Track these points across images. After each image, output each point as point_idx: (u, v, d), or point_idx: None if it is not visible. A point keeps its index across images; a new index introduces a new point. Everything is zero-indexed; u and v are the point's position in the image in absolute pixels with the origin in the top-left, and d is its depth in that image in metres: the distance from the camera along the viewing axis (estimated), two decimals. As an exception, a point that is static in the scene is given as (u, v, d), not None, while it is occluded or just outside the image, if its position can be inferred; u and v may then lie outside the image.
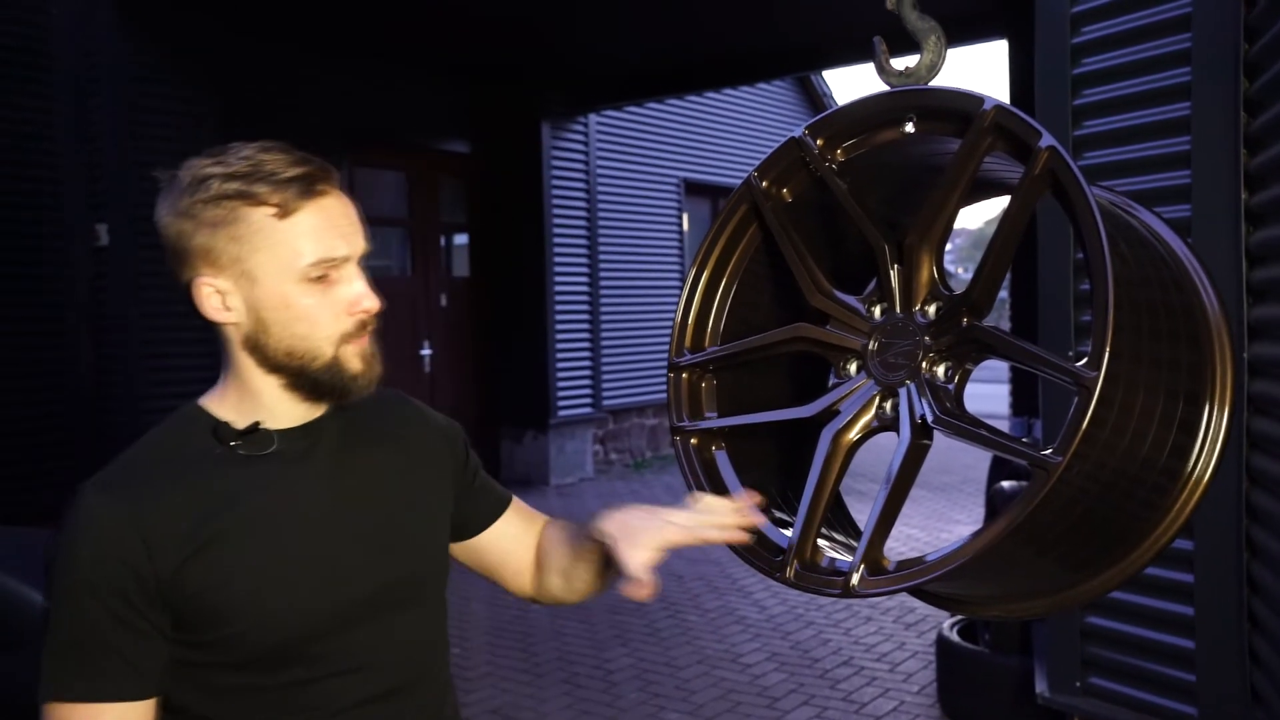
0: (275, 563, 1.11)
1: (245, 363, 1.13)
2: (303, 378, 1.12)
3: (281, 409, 1.15)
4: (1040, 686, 2.78)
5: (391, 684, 1.18)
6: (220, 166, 1.08)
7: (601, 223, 9.24)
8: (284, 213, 1.07)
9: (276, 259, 1.08)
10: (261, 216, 1.07)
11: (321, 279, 1.10)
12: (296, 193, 1.07)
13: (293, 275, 1.08)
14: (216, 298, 1.10)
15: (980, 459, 7.86)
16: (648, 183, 9.96)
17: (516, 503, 1.42)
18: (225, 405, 1.15)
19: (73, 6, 6.01)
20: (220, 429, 1.13)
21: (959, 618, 3.87)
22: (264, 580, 1.09)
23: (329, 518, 1.16)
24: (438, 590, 1.28)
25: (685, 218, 10.36)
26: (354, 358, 1.13)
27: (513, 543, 1.37)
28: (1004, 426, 0.91)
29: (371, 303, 1.12)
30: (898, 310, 1.09)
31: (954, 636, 3.73)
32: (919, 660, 4.39)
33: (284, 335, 1.10)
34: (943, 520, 7.08)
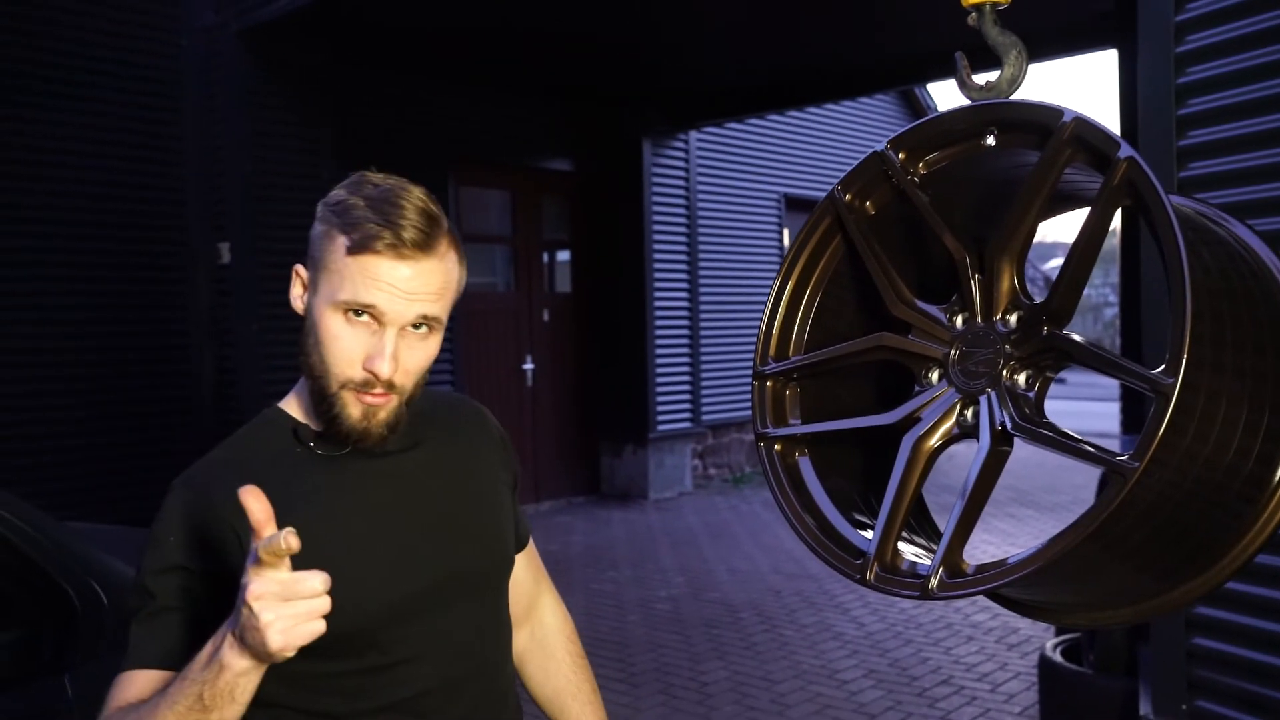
0: (348, 555, 1.17)
1: None
2: (317, 397, 1.18)
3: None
4: (1145, 709, 2.71)
5: (452, 674, 1.24)
6: (356, 191, 1.17)
7: (702, 238, 9.30)
8: (350, 250, 1.14)
9: (329, 282, 1.16)
10: (340, 243, 1.15)
11: (355, 318, 1.15)
12: (360, 240, 1.14)
13: (331, 302, 1.16)
14: (299, 286, 1.21)
15: (1090, 478, 7.63)
16: (748, 198, 9.98)
17: (531, 547, 1.47)
18: (303, 407, 1.25)
19: (201, 39, 6.36)
20: (300, 430, 1.23)
21: (1063, 638, 3.78)
22: (337, 572, 1.13)
23: (400, 513, 1.23)
24: (501, 584, 1.34)
25: (786, 233, 10.33)
26: (353, 404, 1.16)
27: (511, 585, 1.39)
28: (1115, 445, 0.93)
29: (382, 367, 1.14)
30: (979, 319, 1.11)
31: (1057, 657, 3.64)
32: (1021, 681, 4.30)
33: (314, 350, 1.18)
34: (1050, 541, 6.90)
